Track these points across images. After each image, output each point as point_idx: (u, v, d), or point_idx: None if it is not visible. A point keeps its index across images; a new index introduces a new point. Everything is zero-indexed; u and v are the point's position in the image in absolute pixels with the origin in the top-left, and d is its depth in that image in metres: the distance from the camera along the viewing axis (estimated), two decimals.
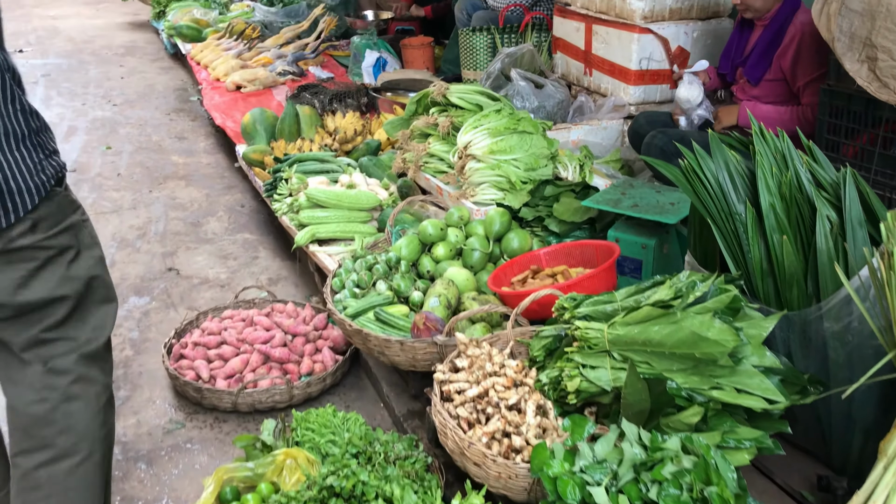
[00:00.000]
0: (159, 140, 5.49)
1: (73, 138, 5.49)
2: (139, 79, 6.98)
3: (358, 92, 5.31)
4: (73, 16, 9.70)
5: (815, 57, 3.29)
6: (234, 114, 5.23)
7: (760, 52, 3.48)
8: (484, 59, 5.01)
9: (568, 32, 4.71)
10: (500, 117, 3.32)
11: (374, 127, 4.48)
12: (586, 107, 4.50)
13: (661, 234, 2.82)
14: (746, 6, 3.43)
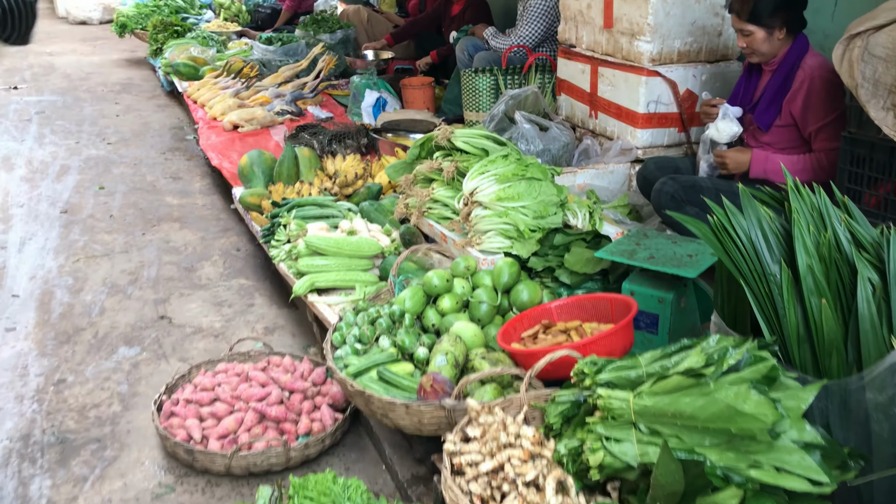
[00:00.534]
0: (154, 180, 5.37)
1: (65, 178, 5.37)
2: (135, 117, 6.87)
3: (358, 132, 5.21)
4: (70, 52, 9.63)
5: (827, 101, 3.20)
6: (231, 154, 5.12)
7: (769, 97, 3.38)
8: (487, 101, 4.92)
9: (573, 74, 4.62)
10: (508, 163, 3.20)
11: (375, 170, 4.36)
12: (592, 150, 4.39)
13: (678, 286, 2.69)
14: (753, 51, 3.34)
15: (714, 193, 3.32)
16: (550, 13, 5.24)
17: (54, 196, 5.04)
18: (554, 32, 5.33)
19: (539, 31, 5.25)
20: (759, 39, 3.29)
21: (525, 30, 5.28)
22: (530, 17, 5.26)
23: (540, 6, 5.24)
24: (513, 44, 5.32)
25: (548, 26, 5.26)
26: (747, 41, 3.32)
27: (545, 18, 5.24)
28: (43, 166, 5.59)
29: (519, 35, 5.31)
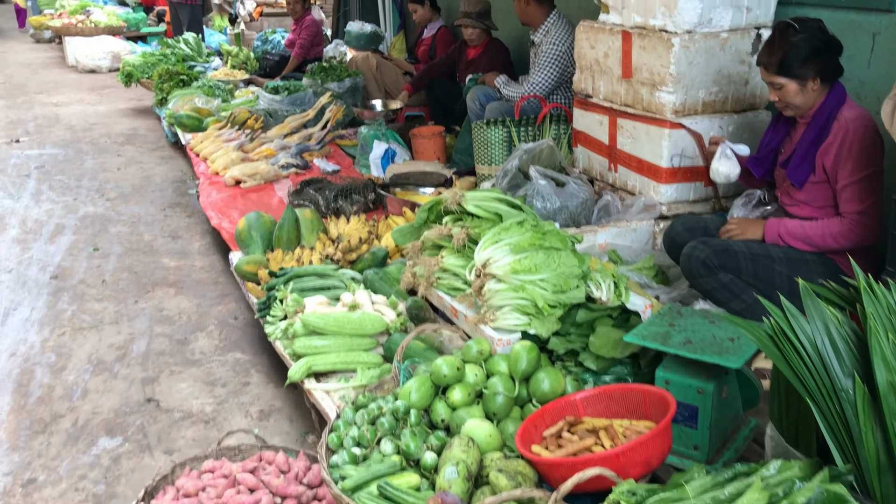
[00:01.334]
0: (151, 239, 5.12)
1: (59, 238, 5.12)
2: (137, 169, 6.65)
3: (365, 187, 4.95)
4: (76, 102, 9.48)
5: (862, 157, 2.91)
6: (231, 213, 4.86)
7: (803, 152, 3.10)
8: (499, 154, 4.65)
9: (590, 125, 4.35)
10: (523, 230, 2.91)
11: (381, 230, 4.09)
12: (613, 206, 4.11)
13: (719, 374, 2.38)
14: (786, 104, 3.06)
15: (749, 259, 3.01)
16: (563, 58, 5.00)
17: (46, 259, 4.79)
18: (568, 78, 5.08)
19: (552, 77, 5.01)
20: (791, 92, 3.01)
21: (538, 76, 5.04)
22: (543, 62, 5.02)
23: (552, 51, 5.00)
24: (526, 92, 5.07)
25: (561, 71, 5.01)
26: (779, 94, 3.04)
27: (558, 64, 5.00)
28: (37, 226, 5.35)
29: (532, 82, 5.06)
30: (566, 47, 4.99)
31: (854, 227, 2.95)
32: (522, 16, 5.26)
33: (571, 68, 5.03)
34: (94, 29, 12.00)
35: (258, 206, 5.03)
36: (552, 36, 5.04)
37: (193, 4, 10.57)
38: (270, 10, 14.53)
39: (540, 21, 5.15)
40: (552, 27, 5.11)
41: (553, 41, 5.01)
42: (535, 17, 5.21)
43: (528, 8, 5.21)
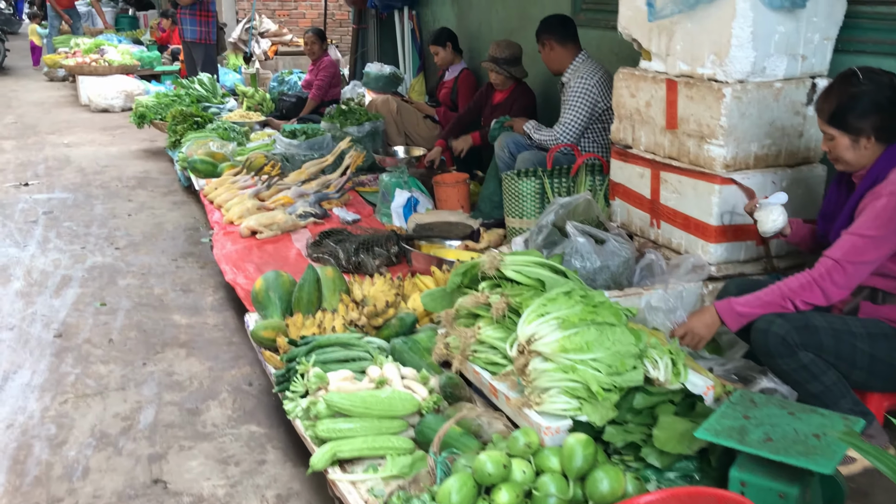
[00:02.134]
0: (162, 293, 4.85)
1: (65, 292, 4.87)
2: (148, 216, 6.42)
3: (388, 240, 4.69)
4: (88, 143, 9.30)
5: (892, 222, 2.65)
6: (247, 267, 4.60)
7: (847, 214, 2.85)
8: (531, 207, 4.38)
9: (629, 178, 4.09)
10: (572, 302, 2.63)
11: (407, 288, 3.81)
12: (657, 266, 3.82)
13: (803, 476, 2.09)
14: (836, 157, 2.82)
15: (831, 335, 2.70)
16: (592, 93, 4.80)
17: (50, 315, 4.53)
18: (598, 118, 4.85)
19: (583, 113, 4.79)
20: (842, 146, 2.76)
21: (568, 114, 4.82)
22: (572, 99, 4.82)
23: (580, 86, 4.81)
24: (557, 133, 4.83)
25: (591, 108, 4.81)
26: (829, 146, 2.81)
27: (587, 99, 4.80)
28: (42, 277, 5.10)
29: (562, 121, 4.84)
30: (595, 81, 4.80)
31: (819, 275, 2.68)
32: (550, 63, 5.12)
33: (602, 105, 4.81)
34: (107, 68, 11.88)
35: (275, 259, 4.78)
36: (580, 72, 4.88)
37: (208, 44, 10.41)
38: (285, 49, 14.43)
39: (567, 64, 5.00)
40: (580, 65, 4.96)
41: (581, 76, 4.84)
42: (562, 61, 5.05)
43: (553, 53, 5.06)
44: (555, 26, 5.08)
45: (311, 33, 8.69)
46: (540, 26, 5.12)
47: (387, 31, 9.52)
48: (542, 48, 5.11)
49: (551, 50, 5.05)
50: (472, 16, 7.47)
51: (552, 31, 5.05)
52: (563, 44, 5.02)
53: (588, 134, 4.92)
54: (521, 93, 6.06)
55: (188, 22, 10.18)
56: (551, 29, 5.07)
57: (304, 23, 16.00)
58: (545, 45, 5.08)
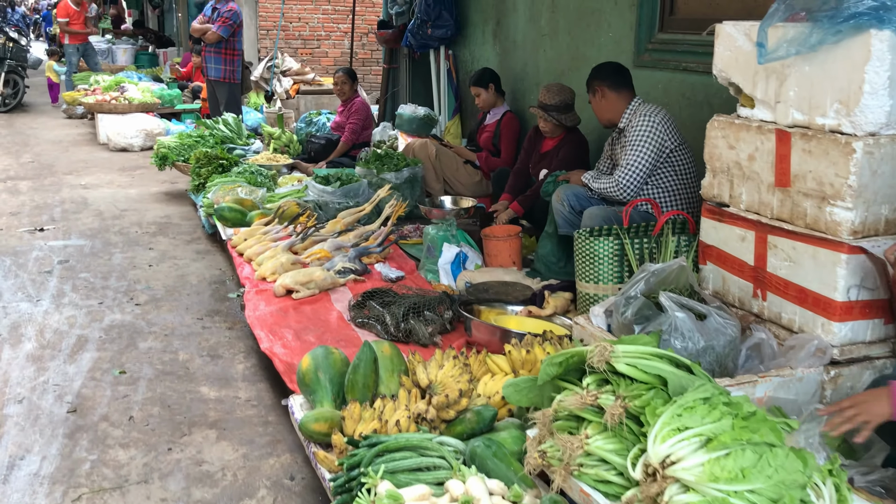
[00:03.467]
0: (187, 359, 4.35)
1: (80, 356, 4.37)
2: (170, 267, 5.94)
3: (440, 303, 4.19)
4: (106, 184, 8.86)
5: None
6: (284, 333, 4.10)
7: None
8: (608, 271, 3.87)
9: (726, 240, 3.58)
10: (716, 414, 2.12)
11: (475, 367, 3.29)
12: (766, 346, 3.30)
13: None
14: None
15: None
16: (658, 130, 4.37)
17: (63, 385, 4.03)
18: (664, 162, 4.37)
19: (649, 154, 4.33)
20: None
21: (632, 155, 4.36)
22: (635, 140, 4.40)
23: (643, 125, 4.37)
24: (619, 180, 4.35)
25: (658, 147, 4.36)
26: None
27: (653, 138, 4.36)
28: (56, 338, 4.61)
29: (626, 164, 4.37)
30: (659, 119, 4.38)
31: None
32: (602, 112, 4.71)
33: (670, 145, 4.35)
34: (127, 106, 11.51)
35: (314, 323, 4.28)
36: (639, 115, 4.44)
37: (232, 83, 10.05)
38: (307, 88, 14.06)
39: (621, 111, 4.58)
40: (637, 109, 4.53)
41: (642, 115, 4.42)
42: (616, 109, 4.63)
43: (605, 101, 4.66)
44: (609, 73, 4.70)
45: (342, 73, 8.28)
46: (592, 73, 4.75)
47: (419, 70, 9.11)
48: (592, 96, 4.72)
49: (603, 98, 4.65)
50: (516, 56, 7.03)
51: (605, 77, 4.67)
52: (617, 90, 4.62)
53: (656, 180, 4.44)
54: (572, 141, 5.61)
55: (213, 60, 9.84)
56: (604, 75, 4.69)
57: (326, 61, 15.69)
58: (597, 92, 4.68)
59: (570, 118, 5.55)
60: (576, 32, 6.01)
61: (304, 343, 3.99)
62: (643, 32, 5.26)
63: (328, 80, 14.23)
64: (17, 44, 15.25)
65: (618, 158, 4.64)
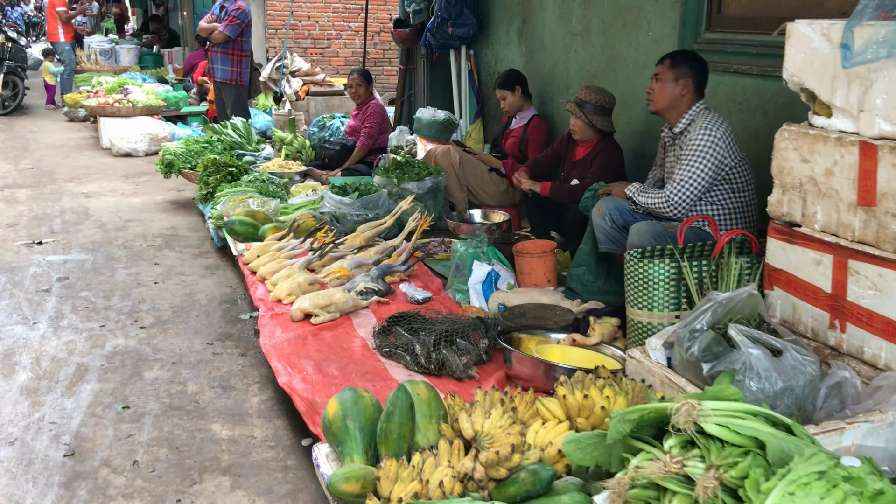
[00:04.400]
0: (197, 391, 3.99)
1: (79, 388, 4.01)
2: (177, 284, 5.57)
3: (474, 329, 3.83)
4: (109, 192, 8.50)
5: None
6: (304, 364, 3.73)
7: None
8: (663, 297, 3.49)
9: (797, 264, 3.20)
10: (838, 493, 1.74)
11: (522, 410, 2.91)
12: (849, 385, 2.92)
13: None
14: None
15: None
16: (719, 146, 3.94)
17: (61, 422, 3.67)
18: (726, 175, 3.99)
19: (707, 171, 3.93)
20: None
21: (687, 170, 3.94)
22: (693, 153, 3.96)
23: (703, 137, 3.94)
24: (671, 195, 3.95)
25: (716, 166, 3.95)
26: None
27: (713, 153, 3.93)
28: (54, 367, 4.25)
29: (680, 179, 3.96)
30: (721, 133, 3.95)
31: None
32: (660, 99, 4.17)
33: (730, 162, 3.96)
34: (131, 109, 11.15)
35: (336, 352, 3.91)
36: (701, 123, 4.00)
37: (239, 85, 9.65)
38: (317, 90, 13.69)
39: (682, 111, 4.14)
40: (698, 116, 4.08)
41: (704, 126, 3.96)
42: (678, 105, 4.16)
43: (672, 88, 4.12)
44: (701, 67, 4.17)
45: (357, 74, 7.90)
46: (681, 55, 4.22)
47: (437, 71, 8.74)
48: (657, 79, 4.18)
49: (673, 84, 4.12)
50: (543, 56, 6.65)
51: (687, 64, 4.14)
52: (695, 88, 4.12)
53: (712, 196, 4.06)
54: (606, 148, 5.23)
55: (219, 61, 9.46)
56: (697, 66, 4.15)
57: (337, 62, 15.33)
58: (668, 74, 4.12)
59: (603, 122, 5.17)
60: (611, 32, 5.62)
61: (326, 377, 3.62)
62: (688, 32, 4.87)
63: (339, 81, 13.88)
64: (17, 44, 14.86)
65: (669, 167, 4.25)
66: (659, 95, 4.16)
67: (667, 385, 3.02)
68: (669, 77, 4.11)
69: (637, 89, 5.39)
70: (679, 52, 4.23)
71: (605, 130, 5.21)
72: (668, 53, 4.21)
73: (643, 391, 2.87)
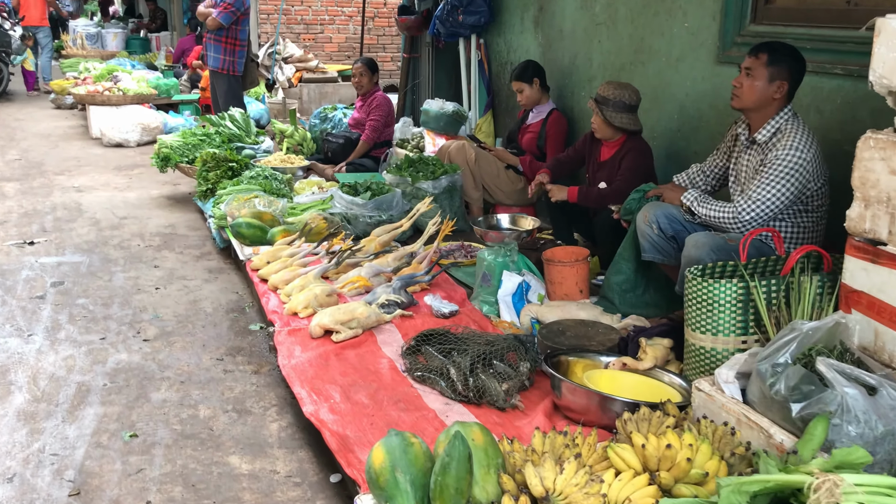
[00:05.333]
0: (210, 416, 3.66)
1: (82, 412, 3.67)
2: (179, 290, 5.23)
3: (510, 349, 3.53)
4: (101, 186, 8.12)
5: None
6: (331, 391, 3.42)
7: None
8: (730, 321, 3.18)
9: (881, 286, 2.90)
10: None
11: (585, 453, 2.60)
12: None
13: None
14: None
15: None
16: (807, 169, 3.57)
17: (63, 455, 3.33)
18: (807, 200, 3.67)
19: (789, 193, 3.56)
20: None
21: (767, 189, 3.54)
22: (777, 171, 3.54)
23: (791, 161, 3.54)
24: (741, 212, 3.60)
25: (801, 187, 3.58)
26: None
27: (799, 175, 3.55)
28: (52, 387, 3.91)
29: (757, 197, 3.56)
30: (812, 155, 3.54)
31: None
32: (748, 98, 3.67)
33: (814, 186, 3.63)
34: (121, 97, 10.73)
35: (363, 375, 3.60)
36: (790, 138, 3.57)
37: (231, 75, 9.19)
38: (311, 76, 13.28)
39: (769, 115, 3.69)
40: (787, 126, 3.64)
41: (794, 147, 3.53)
42: (765, 108, 3.69)
43: (765, 88, 3.62)
44: (794, 59, 3.64)
45: (361, 64, 7.53)
46: (770, 46, 3.66)
47: (443, 61, 8.38)
48: (748, 73, 3.65)
49: (766, 83, 3.62)
50: (563, 47, 6.31)
51: (786, 63, 3.62)
52: (789, 90, 3.66)
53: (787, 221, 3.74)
54: (635, 148, 4.92)
55: (212, 48, 9.02)
56: (786, 60, 3.62)
57: (330, 47, 14.92)
58: (762, 72, 3.62)
59: (625, 120, 4.84)
60: (640, 21, 5.29)
61: (356, 405, 3.30)
62: (730, 23, 4.55)
63: (332, 68, 13.49)
64: (1, 27, 14.34)
65: (743, 176, 3.86)
66: (747, 93, 3.66)
67: (745, 425, 2.72)
68: (763, 75, 3.62)
69: (670, 84, 5.08)
70: (778, 45, 3.66)
71: (627, 129, 4.89)
72: (764, 44, 3.68)
73: (726, 435, 2.57)
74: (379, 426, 3.16)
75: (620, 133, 4.94)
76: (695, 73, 4.86)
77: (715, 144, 4.57)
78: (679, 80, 4.99)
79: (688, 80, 4.91)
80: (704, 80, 4.78)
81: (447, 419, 3.18)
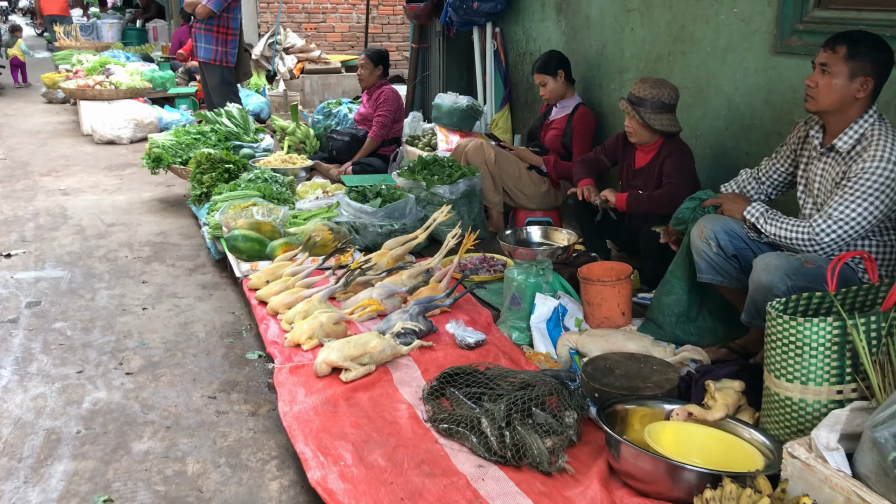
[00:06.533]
0: (199, 472, 3.13)
1: (48, 470, 3.14)
2: (169, 309, 4.70)
3: (558, 394, 3.01)
4: (90, 188, 7.57)
5: None
6: (340, 450, 2.88)
7: None
8: (823, 366, 2.63)
9: None
10: None
11: None
12: None
13: None
14: None
15: None
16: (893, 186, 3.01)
17: None
18: None
19: (877, 214, 3.02)
20: None
21: (849, 208, 2.99)
22: (862, 190, 2.98)
23: (882, 174, 2.97)
24: (820, 231, 3.05)
25: (891, 206, 3.02)
26: None
27: (889, 192, 2.99)
28: (17, 436, 3.38)
29: (839, 217, 3.00)
30: None
31: None
32: (825, 99, 3.11)
33: None
34: (114, 92, 10.18)
35: (378, 427, 3.06)
36: (879, 147, 3.00)
37: (224, 66, 8.61)
38: (312, 67, 12.72)
39: (850, 119, 3.13)
40: (873, 132, 3.07)
41: (886, 159, 2.97)
42: (846, 110, 3.13)
43: (846, 86, 3.06)
44: (879, 51, 3.06)
45: (367, 56, 6.98)
46: (849, 37, 3.07)
47: (454, 51, 7.82)
48: (825, 70, 3.10)
49: (847, 81, 3.07)
50: (589, 35, 5.74)
51: (869, 56, 3.05)
52: (874, 89, 3.10)
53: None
54: (675, 152, 4.38)
55: (202, 39, 8.47)
56: (869, 53, 3.05)
57: (333, 37, 14.35)
58: (841, 67, 3.06)
59: (665, 121, 4.30)
60: (680, 7, 4.73)
61: (371, 469, 2.77)
62: (789, 8, 3.99)
63: (336, 58, 12.94)
64: None
65: (814, 188, 3.31)
66: (824, 93, 3.11)
67: None
68: (843, 71, 3.06)
69: (716, 77, 4.53)
70: (859, 35, 3.09)
71: (668, 132, 4.34)
72: (842, 35, 3.10)
73: None
74: (398, 496, 2.63)
75: (658, 136, 4.40)
76: (746, 64, 4.30)
77: (770, 146, 4.03)
78: (728, 72, 4.43)
79: (738, 73, 4.36)
80: (758, 72, 4.23)
81: (482, 488, 2.65)
